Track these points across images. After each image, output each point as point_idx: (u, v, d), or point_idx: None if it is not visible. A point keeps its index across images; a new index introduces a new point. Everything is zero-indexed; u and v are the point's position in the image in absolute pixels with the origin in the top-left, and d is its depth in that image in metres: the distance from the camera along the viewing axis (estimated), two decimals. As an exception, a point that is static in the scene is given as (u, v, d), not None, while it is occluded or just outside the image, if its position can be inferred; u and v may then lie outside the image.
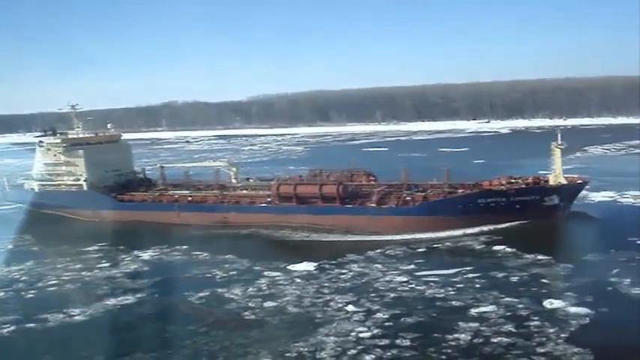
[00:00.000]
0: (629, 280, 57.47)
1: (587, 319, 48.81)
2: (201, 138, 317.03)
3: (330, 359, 44.36)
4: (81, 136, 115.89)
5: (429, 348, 44.97)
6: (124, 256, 78.65)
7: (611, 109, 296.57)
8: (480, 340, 45.67)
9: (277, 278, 64.62)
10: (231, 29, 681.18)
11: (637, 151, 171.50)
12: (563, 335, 45.67)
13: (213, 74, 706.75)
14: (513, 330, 47.15)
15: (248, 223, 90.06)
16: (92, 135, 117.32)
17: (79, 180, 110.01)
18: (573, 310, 50.50)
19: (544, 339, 45.19)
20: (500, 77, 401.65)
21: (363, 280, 62.27)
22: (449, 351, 44.32)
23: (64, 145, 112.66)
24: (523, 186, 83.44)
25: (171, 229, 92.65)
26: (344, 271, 65.75)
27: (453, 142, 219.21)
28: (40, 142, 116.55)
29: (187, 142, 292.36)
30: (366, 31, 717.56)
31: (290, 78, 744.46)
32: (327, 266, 67.51)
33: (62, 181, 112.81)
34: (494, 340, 45.46)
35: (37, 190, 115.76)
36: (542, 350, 43.49)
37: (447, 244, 75.22)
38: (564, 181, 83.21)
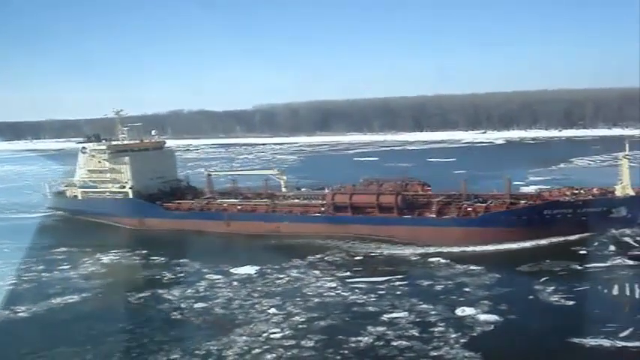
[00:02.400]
0: (552, 287, 59.47)
1: (493, 326, 50.62)
2: (202, 146, 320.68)
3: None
4: (125, 142, 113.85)
5: (329, 349, 47.03)
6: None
7: (607, 120, 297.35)
8: (380, 343, 47.65)
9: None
10: (239, 39, 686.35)
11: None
12: (462, 340, 47.45)
13: (222, 84, 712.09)
14: (416, 334, 49.02)
15: (301, 233, 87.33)
16: (137, 142, 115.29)
17: (124, 187, 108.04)
18: (483, 317, 52.22)
19: (442, 343, 47.01)
20: (498, 88, 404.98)
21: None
22: (346, 352, 46.37)
23: (109, 151, 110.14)
24: (590, 197, 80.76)
25: (220, 238, 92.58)
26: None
27: (444, 152, 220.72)
28: (83, 148, 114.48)
29: (187, 149, 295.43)
30: (366, 43, 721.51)
31: (294, 88, 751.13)
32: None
33: (106, 188, 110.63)
34: (394, 344, 47.38)
35: (79, 197, 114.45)
36: (434, 353, 45.36)
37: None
38: (632, 193, 79.75)
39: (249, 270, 70.46)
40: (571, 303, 55.61)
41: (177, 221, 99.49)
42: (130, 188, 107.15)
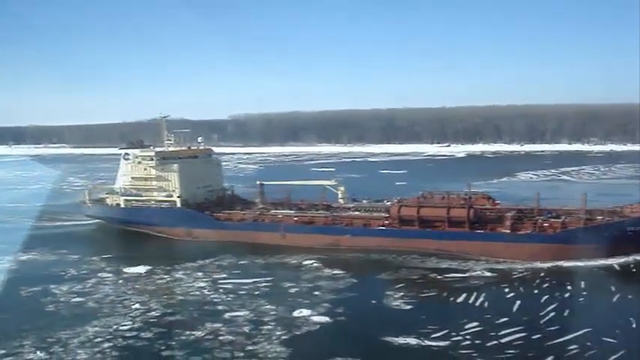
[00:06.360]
0: (401, 293, 65.55)
1: (318, 326, 56.38)
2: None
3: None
4: (171, 149, 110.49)
5: (160, 340, 53.36)
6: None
7: (569, 136, 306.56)
8: (209, 337, 53.57)
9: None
10: (220, 50, 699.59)
11: (563, 177, 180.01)
12: (283, 337, 53.12)
13: (200, 92, 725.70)
14: (245, 331, 54.87)
15: (363, 247, 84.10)
16: (185, 148, 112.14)
17: (171, 196, 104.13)
18: (315, 318, 58.04)
19: (262, 339, 52.75)
20: (467, 103, 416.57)
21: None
22: (172, 343, 52.54)
23: (157, 158, 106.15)
24: None
25: (276, 251, 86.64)
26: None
27: (401, 164, 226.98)
28: (126, 154, 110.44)
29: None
30: (339, 56, 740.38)
31: (269, 99, 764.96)
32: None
33: (152, 196, 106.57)
34: (220, 338, 53.27)
35: (122, 205, 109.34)
36: (250, 348, 51.01)
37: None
38: None
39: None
40: (408, 307, 61.70)
41: (229, 232, 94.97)
42: (179, 197, 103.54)
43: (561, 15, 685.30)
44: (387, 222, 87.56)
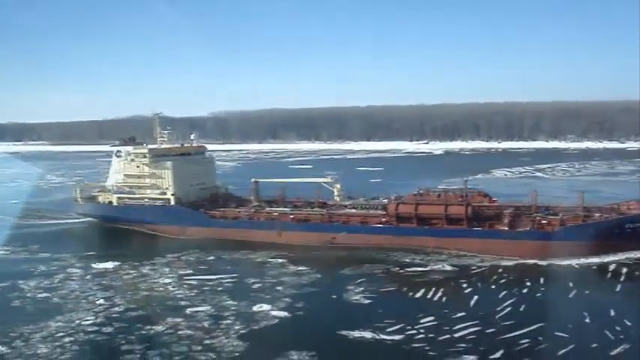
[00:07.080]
0: (362, 288, 66.95)
1: (277, 320, 57.68)
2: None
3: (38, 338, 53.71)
4: (164, 147, 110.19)
5: (121, 334, 54.23)
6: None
7: (547, 133, 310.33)
8: (169, 332, 54.69)
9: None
10: (202, 47, 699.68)
11: (537, 174, 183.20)
12: (241, 332, 54.35)
13: (182, 90, 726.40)
14: (205, 326, 55.99)
15: (360, 245, 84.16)
16: (178, 146, 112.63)
17: (165, 194, 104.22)
18: (274, 313, 59.29)
19: (220, 333, 53.93)
20: (446, 100, 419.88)
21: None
22: (132, 337, 53.44)
23: (151, 155, 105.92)
24: None
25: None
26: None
27: (379, 161, 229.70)
28: (119, 151, 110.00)
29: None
30: (319, 54, 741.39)
31: (248, 97, 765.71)
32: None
33: (145, 194, 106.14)
34: (180, 332, 54.38)
35: (115, 203, 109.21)
36: (207, 342, 52.05)
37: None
38: None
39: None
40: (367, 302, 62.96)
41: (223, 230, 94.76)
42: (172, 195, 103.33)
43: (541, 14, 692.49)
44: (384, 219, 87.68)
